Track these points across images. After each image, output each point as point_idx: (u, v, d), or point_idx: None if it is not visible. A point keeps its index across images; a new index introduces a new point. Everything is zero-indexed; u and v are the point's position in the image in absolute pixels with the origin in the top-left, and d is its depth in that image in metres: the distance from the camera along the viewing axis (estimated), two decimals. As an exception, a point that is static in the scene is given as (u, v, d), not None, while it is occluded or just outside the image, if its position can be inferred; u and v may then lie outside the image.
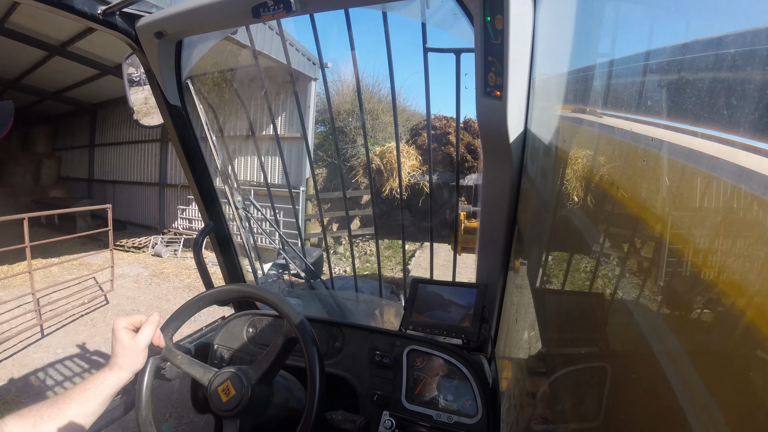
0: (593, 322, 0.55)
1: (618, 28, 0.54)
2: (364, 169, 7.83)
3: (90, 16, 1.10)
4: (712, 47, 0.32)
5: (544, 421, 0.74)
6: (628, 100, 0.48)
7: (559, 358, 0.69)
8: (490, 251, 1.27)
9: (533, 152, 0.97)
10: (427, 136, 1.89)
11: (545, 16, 0.86)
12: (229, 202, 1.89)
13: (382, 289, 2.31)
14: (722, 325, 0.27)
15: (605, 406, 0.46)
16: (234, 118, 8.21)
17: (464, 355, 1.22)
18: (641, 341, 0.39)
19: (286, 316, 1.12)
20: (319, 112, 8.87)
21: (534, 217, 0.95)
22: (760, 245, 0.24)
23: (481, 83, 0.96)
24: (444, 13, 1.24)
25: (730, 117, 0.29)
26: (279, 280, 2.30)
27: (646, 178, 0.40)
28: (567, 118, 0.73)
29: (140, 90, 1.49)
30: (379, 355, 1.28)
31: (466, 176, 6.74)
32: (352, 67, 5.14)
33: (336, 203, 8.64)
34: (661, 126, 0.38)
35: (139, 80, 1.48)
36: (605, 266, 0.51)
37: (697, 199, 0.32)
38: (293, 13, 1.00)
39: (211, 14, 1.11)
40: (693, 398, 0.30)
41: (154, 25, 1.20)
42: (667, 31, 0.41)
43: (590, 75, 0.61)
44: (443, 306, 1.35)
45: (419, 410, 1.18)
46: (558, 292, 0.74)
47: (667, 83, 0.39)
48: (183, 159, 1.56)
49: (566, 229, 0.68)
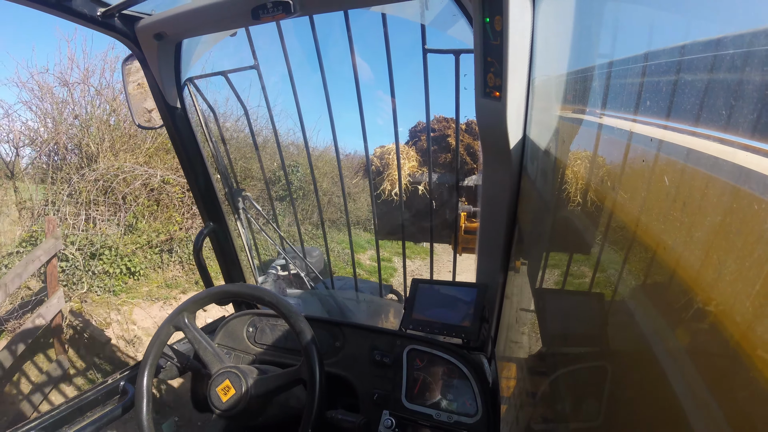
0: (593, 321, 0.56)
1: (617, 28, 0.54)
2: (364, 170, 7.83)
3: (89, 18, 1.10)
4: (711, 48, 0.32)
5: (543, 420, 0.74)
6: (627, 100, 0.48)
7: (559, 357, 0.69)
8: (490, 251, 1.27)
9: (533, 152, 0.97)
10: (427, 137, 1.89)
11: (544, 17, 0.86)
12: (229, 203, 1.89)
13: (382, 288, 2.31)
14: (722, 325, 0.27)
15: (605, 405, 0.46)
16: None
17: (464, 354, 1.22)
18: (641, 341, 0.39)
19: (285, 316, 1.12)
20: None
21: (534, 216, 0.96)
22: (760, 245, 0.24)
23: (480, 84, 0.96)
24: (443, 15, 1.24)
25: (730, 117, 0.29)
26: (279, 280, 2.30)
27: (645, 178, 0.41)
28: (566, 119, 0.73)
29: (139, 92, 1.49)
30: (379, 354, 1.28)
31: (466, 177, 6.74)
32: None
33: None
34: (660, 126, 0.38)
35: (139, 82, 1.48)
36: (605, 266, 0.51)
37: (697, 199, 0.32)
38: (292, 15, 1.00)
39: (210, 16, 1.12)
40: (693, 398, 0.30)
41: (154, 26, 1.20)
42: (667, 32, 0.41)
43: (589, 76, 0.62)
44: (443, 305, 1.35)
45: (419, 409, 1.18)
46: (558, 291, 0.74)
47: (666, 84, 0.39)
48: (183, 160, 1.56)
49: (566, 228, 0.68)
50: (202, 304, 1.24)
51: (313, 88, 3.44)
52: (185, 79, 1.45)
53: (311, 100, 3.88)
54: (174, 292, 4.79)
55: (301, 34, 4.48)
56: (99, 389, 1.34)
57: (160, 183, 5.21)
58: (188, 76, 1.48)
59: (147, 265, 4.85)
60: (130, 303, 4.38)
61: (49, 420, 1.19)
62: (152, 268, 4.95)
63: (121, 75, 1.47)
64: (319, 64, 1.55)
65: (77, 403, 1.26)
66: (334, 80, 4.84)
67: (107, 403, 1.34)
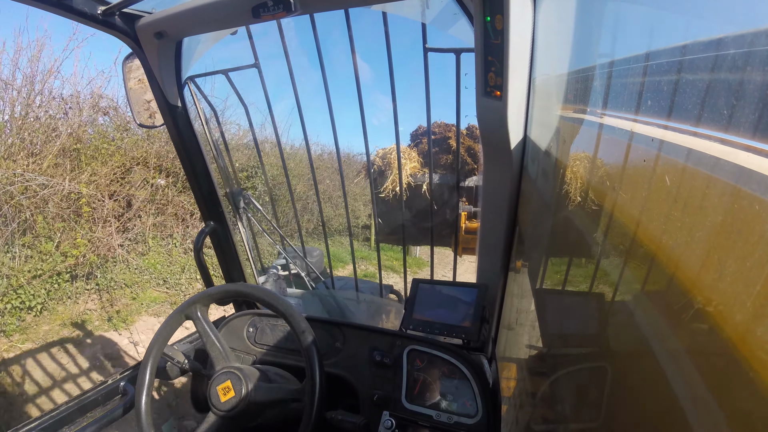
0: (593, 322, 0.55)
1: (618, 28, 0.54)
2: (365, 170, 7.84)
3: (89, 16, 1.10)
4: (712, 48, 0.32)
5: (544, 421, 0.74)
6: (628, 100, 0.48)
7: (559, 358, 0.69)
8: (491, 251, 1.27)
9: (533, 152, 0.97)
10: (428, 138, 1.89)
11: (545, 16, 0.86)
12: (230, 202, 1.89)
13: (383, 289, 2.31)
14: (723, 326, 0.27)
15: (605, 406, 0.46)
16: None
17: (464, 355, 1.22)
18: (641, 341, 0.39)
19: (285, 316, 1.12)
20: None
21: (534, 216, 0.95)
22: (761, 246, 0.24)
23: (481, 83, 0.96)
24: (444, 14, 1.24)
25: (731, 117, 0.29)
26: (279, 280, 2.30)
27: (646, 178, 0.40)
28: (567, 118, 0.73)
29: (140, 91, 1.49)
30: (379, 354, 1.28)
31: (467, 178, 6.75)
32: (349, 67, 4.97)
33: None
34: (661, 126, 0.38)
35: (139, 81, 1.48)
36: (605, 266, 0.51)
37: (698, 200, 0.32)
38: (293, 14, 1.00)
39: (211, 14, 1.11)
40: (693, 398, 0.30)
41: (155, 25, 1.20)
42: (668, 32, 0.41)
43: (590, 75, 0.61)
44: (443, 306, 1.35)
45: (419, 410, 1.18)
46: (558, 292, 0.74)
47: (667, 83, 0.39)
48: (183, 159, 1.56)
49: (566, 228, 0.68)
50: (213, 299, 1.23)
51: (313, 85, 3.43)
52: (186, 77, 1.46)
53: (311, 98, 3.89)
54: (77, 333, 3.72)
55: (302, 33, 4.45)
56: (99, 389, 1.34)
57: (74, 195, 4.28)
58: (189, 75, 1.48)
59: (51, 297, 3.85)
60: (18, 348, 3.37)
61: (49, 420, 1.19)
62: (59, 300, 3.95)
63: (122, 73, 1.47)
64: (319, 63, 1.55)
65: (77, 403, 1.26)
66: (334, 79, 4.79)
67: (107, 403, 1.34)
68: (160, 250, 5.31)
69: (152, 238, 5.28)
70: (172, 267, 5.22)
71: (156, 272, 4.99)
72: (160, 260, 5.16)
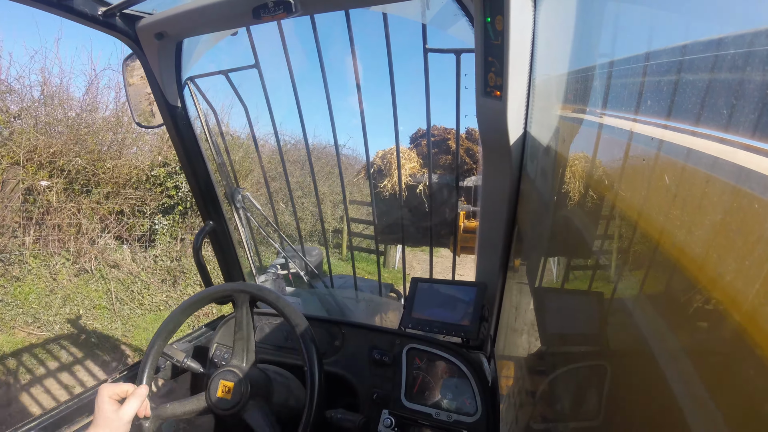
0: (592, 320, 0.56)
1: (618, 28, 0.54)
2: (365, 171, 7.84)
3: (90, 17, 1.11)
4: (712, 48, 0.32)
5: (543, 419, 0.74)
6: (627, 100, 0.48)
7: (558, 356, 0.69)
8: (490, 250, 1.27)
9: (533, 152, 0.97)
10: (427, 136, 1.89)
11: (545, 16, 0.86)
12: (229, 201, 1.89)
13: (382, 287, 2.32)
14: (722, 325, 0.27)
15: (604, 404, 0.47)
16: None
17: (464, 353, 1.22)
18: (640, 340, 0.39)
19: (285, 315, 1.12)
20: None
21: (533, 216, 0.96)
22: (760, 245, 0.24)
23: (481, 83, 0.97)
24: (444, 14, 1.24)
25: (731, 117, 0.29)
26: (278, 279, 2.30)
27: (645, 178, 0.41)
28: (567, 118, 0.73)
29: (140, 91, 1.49)
30: (378, 353, 1.29)
31: (466, 178, 6.77)
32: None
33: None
34: (661, 126, 0.38)
35: (139, 81, 1.48)
36: (604, 265, 0.51)
37: (697, 199, 0.32)
38: (294, 15, 1.00)
39: (211, 15, 1.12)
40: (692, 397, 0.30)
41: (155, 26, 1.20)
42: (668, 32, 0.41)
43: (590, 75, 0.62)
44: (443, 304, 1.35)
45: (418, 408, 1.18)
46: (557, 290, 0.74)
47: (667, 83, 0.39)
48: (183, 159, 1.56)
49: (565, 228, 0.68)
50: (250, 297, 1.20)
51: (314, 86, 3.42)
52: (186, 78, 1.46)
53: (311, 98, 3.86)
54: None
55: (302, 33, 4.45)
56: (99, 388, 1.34)
57: None
58: (189, 75, 1.48)
59: None
60: None
61: (49, 420, 1.19)
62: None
63: (122, 74, 1.47)
64: (320, 64, 1.55)
65: (77, 403, 1.26)
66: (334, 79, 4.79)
67: (107, 401, 1.34)
68: (43, 273, 4.14)
69: (33, 258, 4.12)
70: (50, 297, 3.95)
71: (26, 306, 3.77)
72: (37, 288, 4.01)
